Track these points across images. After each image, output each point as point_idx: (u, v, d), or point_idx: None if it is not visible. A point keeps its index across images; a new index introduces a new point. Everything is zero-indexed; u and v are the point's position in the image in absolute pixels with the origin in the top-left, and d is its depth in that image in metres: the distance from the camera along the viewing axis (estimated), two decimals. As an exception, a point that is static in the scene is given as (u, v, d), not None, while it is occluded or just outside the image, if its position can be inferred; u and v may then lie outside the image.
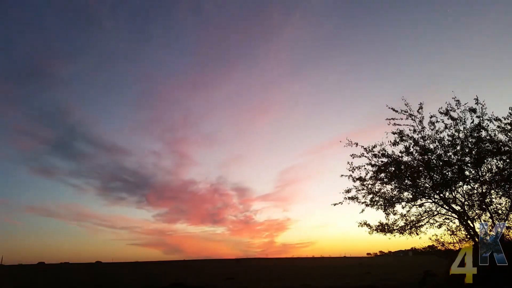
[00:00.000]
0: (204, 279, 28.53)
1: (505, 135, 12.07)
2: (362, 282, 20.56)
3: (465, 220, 12.56)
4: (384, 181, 13.86)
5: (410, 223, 13.64)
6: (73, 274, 45.58)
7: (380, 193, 14.03)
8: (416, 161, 13.26)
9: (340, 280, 23.72)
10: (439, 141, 12.96)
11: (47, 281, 32.18)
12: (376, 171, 13.83)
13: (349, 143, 14.04)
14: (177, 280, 24.35)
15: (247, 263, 73.31)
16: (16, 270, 73.86)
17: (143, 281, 28.59)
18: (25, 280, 34.60)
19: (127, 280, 30.28)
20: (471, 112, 12.43)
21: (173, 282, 22.34)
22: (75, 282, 30.12)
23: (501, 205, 12.46)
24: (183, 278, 29.22)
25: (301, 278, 27.49)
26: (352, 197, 14.29)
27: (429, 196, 13.49)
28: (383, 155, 13.76)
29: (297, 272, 37.26)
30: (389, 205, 13.90)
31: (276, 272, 38.51)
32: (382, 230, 13.82)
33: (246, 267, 53.74)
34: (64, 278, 36.28)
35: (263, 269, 45.36)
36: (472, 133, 12.40)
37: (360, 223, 14.09)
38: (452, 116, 12.68)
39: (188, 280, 25.65)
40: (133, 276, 37.01)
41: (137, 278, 33.26)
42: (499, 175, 12.04)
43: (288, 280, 25.80)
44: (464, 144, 12.49)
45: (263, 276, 31.92)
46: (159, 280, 27.62)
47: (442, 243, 13.15)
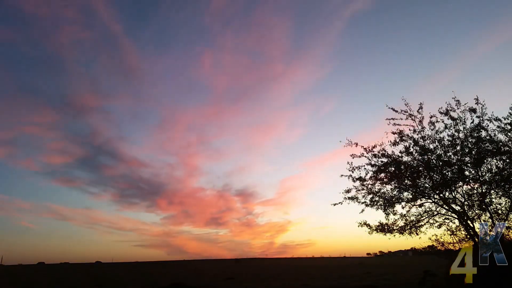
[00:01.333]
0: (204, 279, 28.52)
1: (505, 135, 12.07)
2: (362, 282, 20.56)
3: (465, 220, 12.55)
4: (384, 181, 13.86)
5: (410, 223, 13.63)
6: (73, 274, 45.57)
7: (380, 193, 14.03)
8: (416, 161, 13.27)
9: (340, 280, 23.72)
10: (439, 141, 12.97)
11: (47, 281, 32.16)
12: (376, 171, 13.83)
13: (349, 143, 14.07)
14: (177, 280, 24.34)
15: (247, 263, 73.29)
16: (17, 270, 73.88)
17: (143, 281, 28.60)
18: (25, 280, 34.59)
19: (127, 280, 30.28)
20: (471, 112, 12.44)
21: (173, 282, 22.34)
22: (75, 282, 30.11)
23: (501, 205, 12.47)
24: (183, 278, 29.20)
25: (301, 278, 27.47)
26: (352, 197, 14.31)
27: (429, 196, 13.48)
28: (383, 155, 13.76)
29: (297, 272, 37.24)
30: (389, 205, 13.90)
31: (276, 272, 38.49)
32: (382, 230, 13.81)
33: (246, 267, 53.71)
34: (64, 278, 36.28)
35: (263, 269, 45.34)
36: (472, 133, 12.40)
37: (360, 223, 14.09)
38: (452, 116, 12.69)
39: (188, 280, 25.65)
40: (133, 276, 37.01)
41: (137, 278, 33.26)
42: (499, 175, 12.04)
43: (288, 280, 25.79)
44: (464, 144, 12.49)
45: (263, 276, 31.91)
46: (159, 280, 27.62)
47: (442, 243, 13.14)
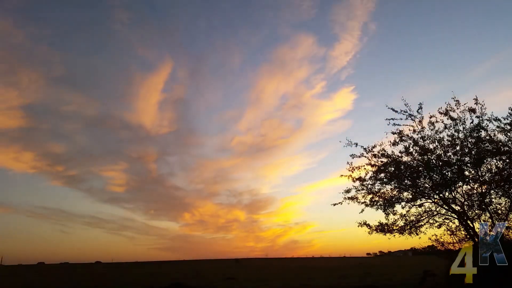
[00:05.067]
0: (204, 279, 28.51)
1: (505, 135, 12.10)
2: (362, 282, 20.55)
3: (465, 220, 12.58)
4: (383, 181, 13.89)
5: (410, 223, 13.65)
6: (73, 274, 45.58)
7: (379, 193, 14.06)
8: (415, 161, 13.29)
9: (340, 280, 23.72)
10: (439, 141, 13.00)
11: (47, 281, 32.17)
12: (376, 171, 13.87)
13: (348, 143, 14.09)
14: (177, 280, 24.33)
15: (247, 263, 73.27)
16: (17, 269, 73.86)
17: (143, 281, 28.59)
18: (25, 280, 34.59)
19: (127, 280, 30.27)
20: (471, 112, 12.47)
21: (173, 282, 22.33)
22: (75, 282, 30.12)
23: (500, 205, 12.50)
24: (183, 278, 29.20)
25: (301, 278, 27.47)
26: (352, 197, 14.34)
27: (428, 196, 13.51)
28: (383, 155, 13.80)
29: (297, 272, 37.23)
30: (389, 205, 13.93)
31: (276, 272, 38.48)
32: (382, 230, 13.84)
33: (246, 267, 53.68)
34: (64, 278, 36.29)
35: (263, 269, 45.30)
36: (471, 133, 12.44)
37: (359, 223, 14.11)
38: (451, 116, 12.72)
39: (188, 280, 25.64)
40: (133, 276, 37.00)
41: (137, 278, 33.26)
42: (499, 175, 12.06)
43: (288, 280, 25.79)
44: (463, 144, 12.52)
45: (263, 276, 31.89)
46: (159, 280, 27.61)
47: (442, 243, 13.17)
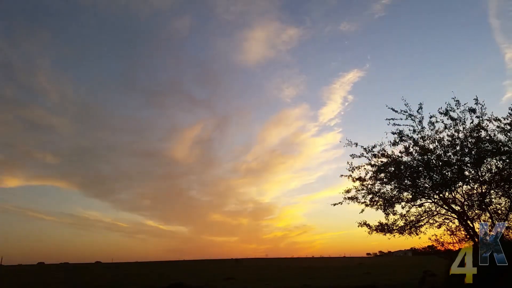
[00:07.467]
0: (204, 279, 28.51)
1: (505, 135, 12.10)
2: (362, 282, 20.54)
3: (465, 220, 12.58)
4: (383, 181, 13.88)
5: (410, 223, 13.66)
6: (73, 274, 45.57)
7: (379, 193, 14.05)
8: (415, 161, 13.28)
9: (340, 280, 23.73)
10: (439, 141, 12.98)
11: (47, 281, 32.16)
12: (376, 171, 13.85)
13: (348, 143, 14.08)
14: (177, 280, 24.32)
15: (247, 263, 73.28)
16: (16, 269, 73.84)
17: (143, 281, 28.60)
18: (25, 280, 34.57)
19: (128, 280, 30.27)
20: (471, 112, 12.46)
21: (173, 282, 22.33)
22: (75, 282, 30.12)
23: (500, 205, 12.51)
24: (183, 278, 29.19)
25: (301, 278, 27.48)
26: (352, 197, 14.33)
27: (428, 196, 13.51)
28: (383, 155, 13.79)
29: (297, 272, 37.25)
30: (389, 205, 13.92)
31: (276, 272, 38.49)
32: (382, 230, 13.84)
33: (246, 267, 53.69)
34: (64, 278, 36.29)
35: (263, 269, 45.30)
36: (471, 133, 12.42)
37: (360, 223, 14.12)
38: (451, 116, 12.71)
39: (188, 280, 25.63)
40: (133, 276, 36.99)
41: (137, 278, 33.26)
42: (499, 175, 12.06)
43: (288, 280, 25.81)
44: (463, 144, 12.51)
45: (263, 276, 31.92)
46: (158, 280, 27.61)
47: (442, 243, 13.18)
